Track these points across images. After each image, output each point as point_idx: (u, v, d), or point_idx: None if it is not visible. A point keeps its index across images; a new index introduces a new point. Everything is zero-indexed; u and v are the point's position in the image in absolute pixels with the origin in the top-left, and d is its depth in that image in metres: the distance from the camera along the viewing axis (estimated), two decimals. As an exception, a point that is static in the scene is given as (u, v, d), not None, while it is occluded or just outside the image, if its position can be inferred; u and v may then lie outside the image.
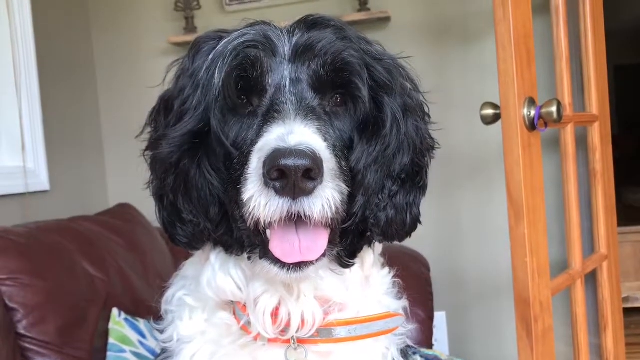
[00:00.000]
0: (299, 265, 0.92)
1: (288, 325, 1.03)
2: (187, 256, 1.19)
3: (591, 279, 2.34)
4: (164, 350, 1.15)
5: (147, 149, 1.08)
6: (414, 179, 1.07)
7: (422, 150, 1.07)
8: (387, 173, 1.02)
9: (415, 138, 1.05)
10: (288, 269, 0.92)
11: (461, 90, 2.82)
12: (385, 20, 2.83)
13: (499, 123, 1.68)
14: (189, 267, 1.17)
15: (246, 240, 0.98)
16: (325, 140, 0.93)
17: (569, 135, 1.94)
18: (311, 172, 0.85)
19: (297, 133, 0.89)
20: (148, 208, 2.77)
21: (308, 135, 0.90)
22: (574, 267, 1.95)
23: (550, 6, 1.93)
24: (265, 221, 0.89)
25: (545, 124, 1.69)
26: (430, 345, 2.29)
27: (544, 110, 1.65)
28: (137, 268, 2.29)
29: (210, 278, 1.06)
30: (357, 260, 1.06)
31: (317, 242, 0.93)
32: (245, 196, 0.89)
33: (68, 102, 2.85)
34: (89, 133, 3.02)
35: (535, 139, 1.69)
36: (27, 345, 1.75)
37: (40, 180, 2.54)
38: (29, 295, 1.76)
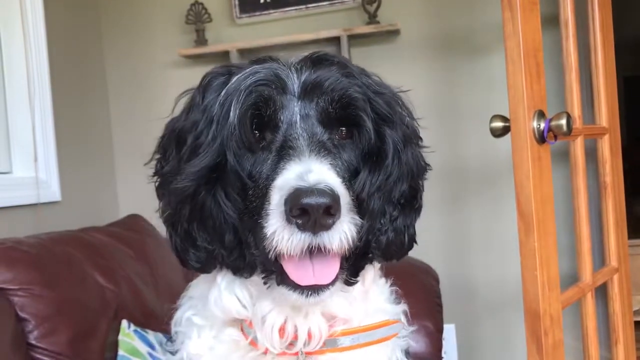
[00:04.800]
0: (316, 290, 0.96)
1: (295, 338, 1.07)
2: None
3: (602, 292, 2.32)
4: None
5: (160, 180, 1.12)
6: (412, 202, 1.12)
7: (418, 175, 1.12)
8: (387, 199, 1.07)
9: (413, 165, 1.10)
10: (307, 295, 0.96)
11: (470, 103, 2.83)
12: (395, 33, 2.84)
13: (508, 136, 1.69)
14: (194, 288, 1.21)
15: (260, 267, 1.02)
16: (337, 174, 0.98)
17: (578, 147, 1.94)
18: (331, 209, 0.89)
19: (315, 171, 0.93)
20: (158, 219, 2.79)
21: (325, 173, 0.94)
22: (585, 280, 1.94)
23: (559, 19, 1.94)
24: (286, 254, 0.93)
25: (555, 137, 1.69)
26: (439, 358, 2.28)
27: (553, 123, 1.65)
28: (147, 279, 2.30)
29: (216, 297, 1.10)
30: (359, 278, 1.10)
31: (329, 267, 0.97)
32: (268, 230, 0.93)
33: (80, 114, 2.88)
34: (100, 144, 3.04)
35: (545, 152, 1.69)
36: (39, 356, 1.75)
37: (52, 191, 2.56)
38: (41, 306, 1.77)
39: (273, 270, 0.99)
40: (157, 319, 2.20)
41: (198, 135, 1.03)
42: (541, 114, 1.65)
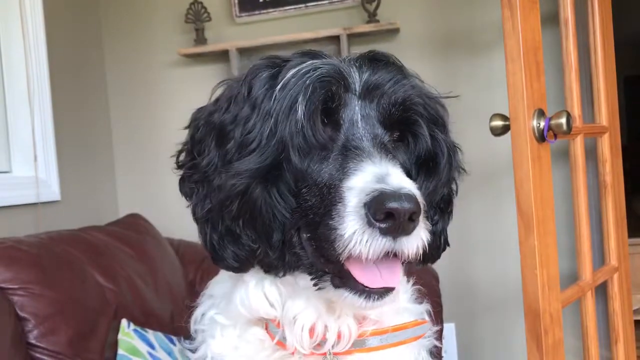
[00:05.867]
0: (382, 294, 0.94)
1: (324, 339, 1.05)
2: (198, 268, 1.20)
3: (602, 291, 2.32)
4: None
5: (191, 174, 1.07)
6: (448, 206, 1.13)
7: (456, 179, 1.13)
8: (430, 203, 1.06)
9: (459, 170, 1.12)
10: (374, 299, 0.94)
11: (470, 102, 2.83)
12: (394, 31, 2.84)
13: (508, 134, 1.69)
14: (215, 286, 1.19)
15: (306, 268, 0.99)
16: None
17: (578, 146, 1.94)
18: (414, 215, 0.88)
19: (394, 175, 0.91)
20: (157, 218, 2.79)
21: (403, 177, 0.92)
22: (584, 279, 1.94)
23: (559, 18, 1.94)
24: (364, 257, 0.90)
25: (555, 136, 1.69)
26: (439, 357, 2.28)
27: (553, 122, 1.65)
28: (146, 278, 2.29)
29: (243, 296, 1.07)
30: None
31: (395, 271, 0.95)
32: (346, 233, 0.89)
33: (79, 113, 2.88)
34: (99, 144, 3.04)
35: (545, 151, 1.69)
36: (38, 356, 1.75)
37: (52, 190, 2.56)
38: (40, 306, 1.77)
39: (326, 272, 0.96)
40: (157, 319, 2.20)
41: (249, 130, 0.98)
42: (541, 113, 1.65)
